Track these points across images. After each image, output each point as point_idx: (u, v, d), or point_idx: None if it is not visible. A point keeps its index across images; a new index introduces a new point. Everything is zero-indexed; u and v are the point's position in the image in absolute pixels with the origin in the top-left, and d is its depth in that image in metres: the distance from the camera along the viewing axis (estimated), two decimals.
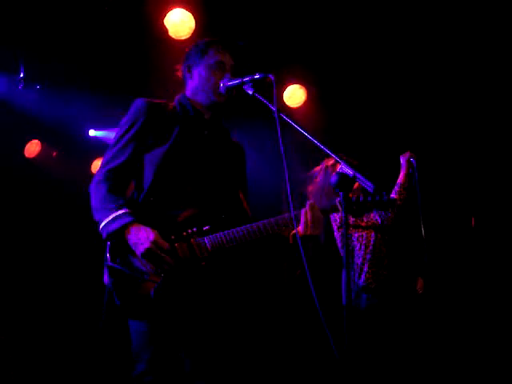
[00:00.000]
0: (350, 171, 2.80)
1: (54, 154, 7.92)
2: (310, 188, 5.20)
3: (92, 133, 7.80)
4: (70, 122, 7.30)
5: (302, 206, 3.28)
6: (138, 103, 3.39)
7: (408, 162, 5.15)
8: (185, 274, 3.20)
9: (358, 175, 2.78)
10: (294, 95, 6.96)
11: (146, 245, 3.09)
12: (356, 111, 7.02)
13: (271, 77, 3.16)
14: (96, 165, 8.15)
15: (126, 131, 3.36)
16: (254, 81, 3.25)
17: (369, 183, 2.75)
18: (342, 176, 2.80)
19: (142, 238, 3.11)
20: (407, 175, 5.12)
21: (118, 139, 3.37)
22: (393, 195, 5.04)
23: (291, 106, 6.99)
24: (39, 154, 7.70)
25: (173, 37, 5.59)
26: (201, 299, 3.27)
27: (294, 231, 3.33)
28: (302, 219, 3.23)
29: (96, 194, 3.28)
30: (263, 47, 6.28)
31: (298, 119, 6.89)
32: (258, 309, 6.35)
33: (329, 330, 2.69)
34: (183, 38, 5.55)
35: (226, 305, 3.35)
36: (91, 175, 7.83)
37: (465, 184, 6.99)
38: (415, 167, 5.08)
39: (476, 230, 6.86)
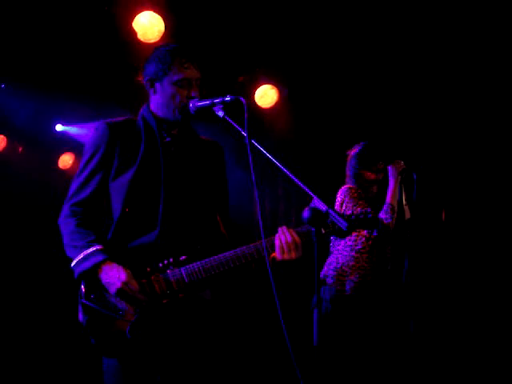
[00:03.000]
0: (323, 207, 2.73)
1: (20, 149, 7.77)
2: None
3: (59, 128, 7.66)
4: (37, 117, 7.19)
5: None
6: (99, 128, 3.22)
7: (400, 173, 4.89)
8: (161, 309, 3.09)
9: (331, 211, 2.71)
10: (266, 95, 6.89)
11: (118, 285, 2.98)
12: (328, 112, 6.96)
13: (243, 100, 3.02)
14: (63, 160, 8.03)
15: (89, 159, 3.22)
16: (224, 103, 3.10)
17: (342, 220, 2.69)
18: (315, 211, 2.73)
19: (113, 277, 3.00)
20: (397, 190, 4.87)
21: (83, 168, 3.23)
22: (381, 216, 4.80)
23: (263, 106, 6.92)
24: (5, 150, 7.53)
25: (141, 39, 5.46)
26: (180, 332, 3.17)
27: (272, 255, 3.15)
28: (277, 243, 3.09)
29: (65, 229, 3.15)
30: (235, 48, 6.20)
31: (270, 119, 7.00)
32: (239, 338, 6.31)
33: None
34: (152, 41, 5.43)
35: (206, 336, 3.25)
36: (58, 170, 7.80)
37: (435, 177, 6.97)
38: (415, 181, 4.82)
39: (447, 223, 6.85)
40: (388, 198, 4.86)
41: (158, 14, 5.43)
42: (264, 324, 6.59)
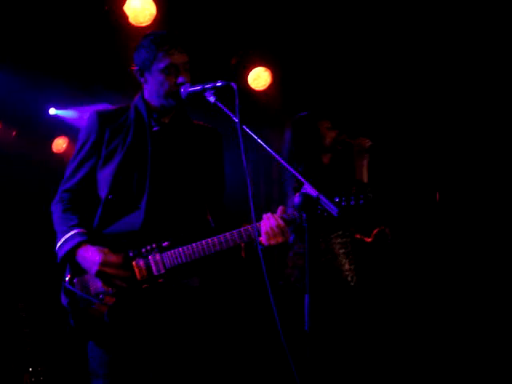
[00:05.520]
0: (313, 192, 2.73)
1: (14, 133, 7.75)
2: None
3: (52, 111, 7.64)
4: (30, 100, 7.16)
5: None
6: (90, 116, 3.32)
7: (368, 151, 4.72)
8: (142, 294, 3.13)
9: (322, 197, 2.71)
10: (259, 78, 6.85)
11: (95, 267, 3.06)
12: (322, 95, 6.93)
13: (234, 85, 3.00)
14: (57, 143, 8.02)
15: (81, 148, 3.32)
16: (215, 88, 3.11)
17: (333, 207, 2.68)
18: (306, 197, 2.72)
19: (90, 261, 3.08)
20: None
21: (75, 156, 3.33)
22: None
23: (256, 88, 6.88)
24: None
25: (133, 23, 5.42)
26: (164, 319, 3.20)
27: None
28: (263, 230, 3.13)
29: (53, 215, 3.28)
30: (228, 30, 6.17)
31: (263, 102, 6.97)
32: (222, 325, 6.30)
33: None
34: (143, 24, 5.38)
35: (192, 325, 3.27)
36: (52, 154, 7.79)
37: (429, 158, 6.97)
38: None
39: (441, 204, 6.85)
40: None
41: None
42: (258, 315, 6.58)
